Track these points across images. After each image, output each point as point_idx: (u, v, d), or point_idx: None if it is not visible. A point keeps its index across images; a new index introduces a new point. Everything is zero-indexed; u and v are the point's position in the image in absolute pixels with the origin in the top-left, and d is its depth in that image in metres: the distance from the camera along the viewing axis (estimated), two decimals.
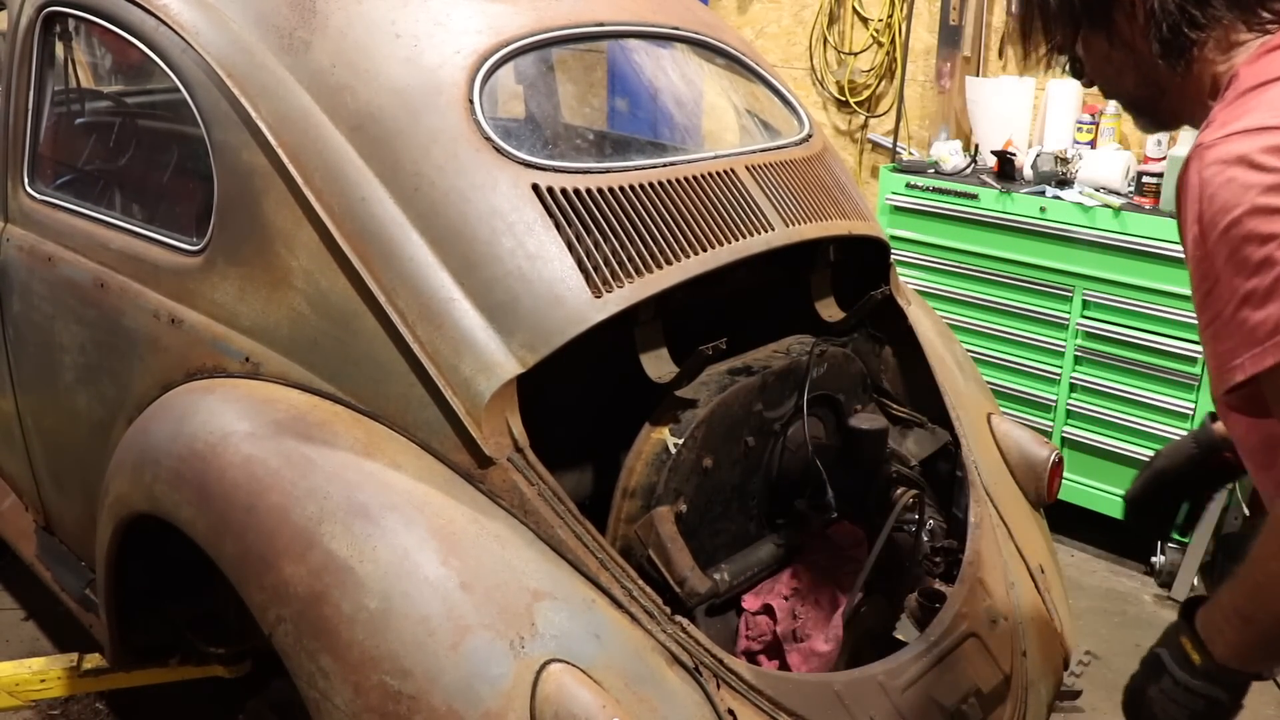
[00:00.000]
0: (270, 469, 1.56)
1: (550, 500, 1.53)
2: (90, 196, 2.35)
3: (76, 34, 2.59)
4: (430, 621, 1.39)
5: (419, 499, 1.51)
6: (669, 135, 2.35)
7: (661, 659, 1.48)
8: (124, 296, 1.99)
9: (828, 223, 2.00)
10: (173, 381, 1.85)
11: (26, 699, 2.38)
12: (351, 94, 1.72)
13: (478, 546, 1.47)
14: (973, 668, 1.82)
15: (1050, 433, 3.49)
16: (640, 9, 2.15)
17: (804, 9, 4.73)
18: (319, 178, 1.68)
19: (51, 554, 2.42)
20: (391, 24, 1.79)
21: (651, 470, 1.70)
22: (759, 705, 1.53)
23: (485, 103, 1.72)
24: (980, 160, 3.80)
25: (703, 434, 1.75)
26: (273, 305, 1.74)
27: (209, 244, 1.84)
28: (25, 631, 2.88)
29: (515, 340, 1.56)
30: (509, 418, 1.55)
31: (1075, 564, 3.38)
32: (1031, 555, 2.12)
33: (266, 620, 1.48)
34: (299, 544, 1.47)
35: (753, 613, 1.88)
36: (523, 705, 1.34)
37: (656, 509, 1.67)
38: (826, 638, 1.81)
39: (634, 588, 1.52)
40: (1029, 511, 2.22)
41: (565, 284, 1.59)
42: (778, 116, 2.27)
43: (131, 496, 1.78)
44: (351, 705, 1.38)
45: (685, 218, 1.76)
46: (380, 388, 1.62)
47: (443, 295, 1.59)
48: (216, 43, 1.82)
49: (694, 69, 2.33)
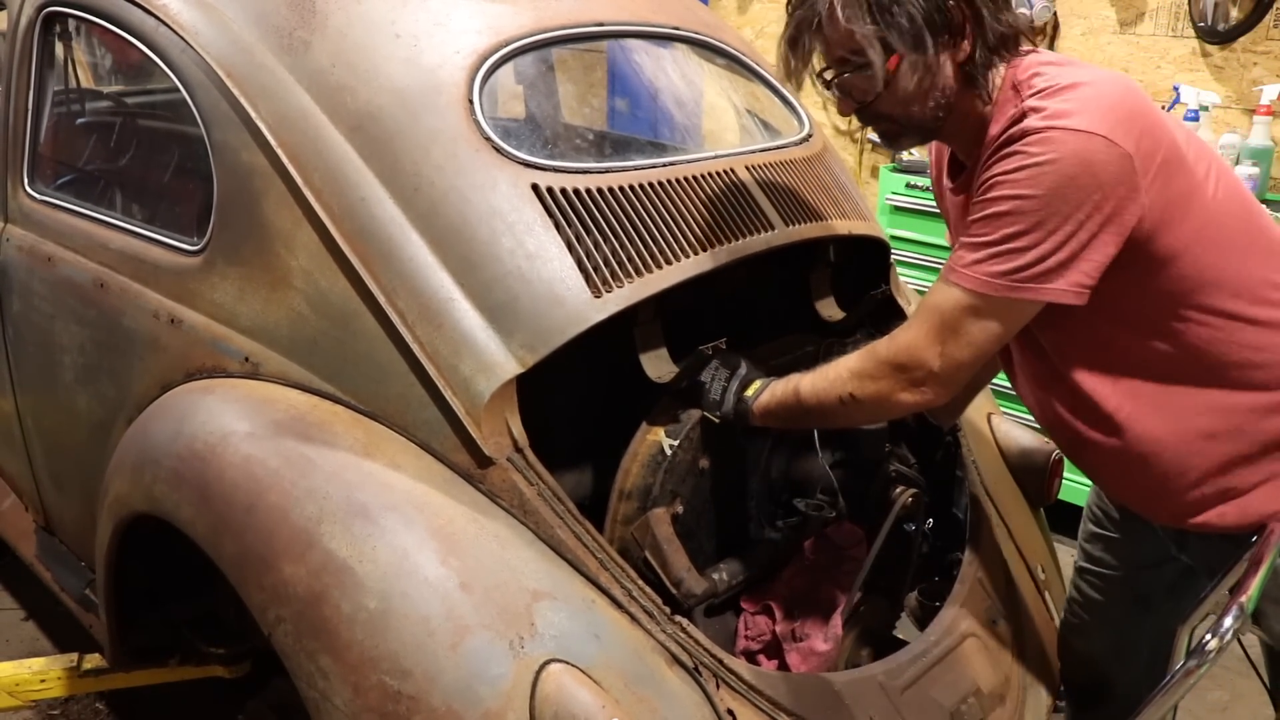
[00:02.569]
0: (270, 469, 1.56)
1: (550, 500, 1.53)
2: (90, 196, 2.35)
3: (76, 34, 2.58)
4: (430, 621, 1.39)
5: (419, 499, 1.51)
6: (669, 135, 2.35)
7: (661, 659, 1.48)
8: (124, 296, 1.99)
9: (828, 222, 2.00)
10: (172, 381, 1.85)
11: (26, 699, 2.38)
12: (351, 94, 1.72)
13: (477, 546, 1.47)
14: (973, 668, 1.82)
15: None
16: (640, 9, 2.15)
17: None
18: (319, 178, 1.69)
19: (51, 554, 2.42)
20: (391, 24, 1.79)
21: (647, 472, 1.70)
22: (758, 705, 1.53)
23: (485, 103, 1.72)
24: None
25: (699, 435, 1.74)
26: (272, 305, 1.74)
27: (209, 244, 1.84)
28: (25, 631, 2.88)
29: (515, 340, 1.56)
30: (508, 418, 1.55)
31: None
32: (1031, 555, 2.13)
33: (266, 620, 1.48)
34: (299, 544, 1.47)
35: (752, 613, 1.87)
36: (522, 705, 1.34)
37: (653, 511, 1.67)
38: (826, 638, 1.81)
39: (634, 588, 1.52)
40: (1029, 511, 2.22)
41: (565, 284, 1.59)
42: (778, 116, 2.27)
43: (131, 496, 1.78)
44: (351, 705, 1.38)
45: (685, 218, 1.76)
46: (380, 388, 1.62)
47: (442, 295, 1.59)
48: (216, 43, 1.82)
49: (694, 69, 2.33)
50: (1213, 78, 3.85)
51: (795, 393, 1.61)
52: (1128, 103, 1.39)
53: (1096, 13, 4.11)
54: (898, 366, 1.49)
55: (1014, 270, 1.39)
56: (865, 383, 1.52)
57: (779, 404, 1.63)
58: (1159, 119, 1.42)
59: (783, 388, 1.63)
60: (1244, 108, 3.76)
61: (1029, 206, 1.36)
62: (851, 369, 1.54)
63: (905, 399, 1.50)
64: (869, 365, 1.52)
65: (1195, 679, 1.48)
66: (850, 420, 1.66)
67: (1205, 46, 3.84)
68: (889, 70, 1.44)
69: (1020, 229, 1.37)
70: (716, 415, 1.69)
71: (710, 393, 1.70)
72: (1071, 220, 1.36)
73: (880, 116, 1.53)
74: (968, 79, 1.47)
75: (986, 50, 1.45)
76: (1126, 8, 3.99)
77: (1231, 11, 3.69)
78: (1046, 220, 1.36)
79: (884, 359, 1.50)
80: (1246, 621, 1.45)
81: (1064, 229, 1.36)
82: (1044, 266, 1.38)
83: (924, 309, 1.48)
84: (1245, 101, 3.77)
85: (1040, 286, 1.39)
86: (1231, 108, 3.81)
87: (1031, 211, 1.36)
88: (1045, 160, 1.35)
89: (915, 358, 1.47)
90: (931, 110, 1.49)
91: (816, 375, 1.59)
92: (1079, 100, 1.38)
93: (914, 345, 1.47)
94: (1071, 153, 1.34)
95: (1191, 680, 1.47)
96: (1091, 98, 1.38)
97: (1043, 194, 1.35)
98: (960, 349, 1.45)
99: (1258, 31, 3.67)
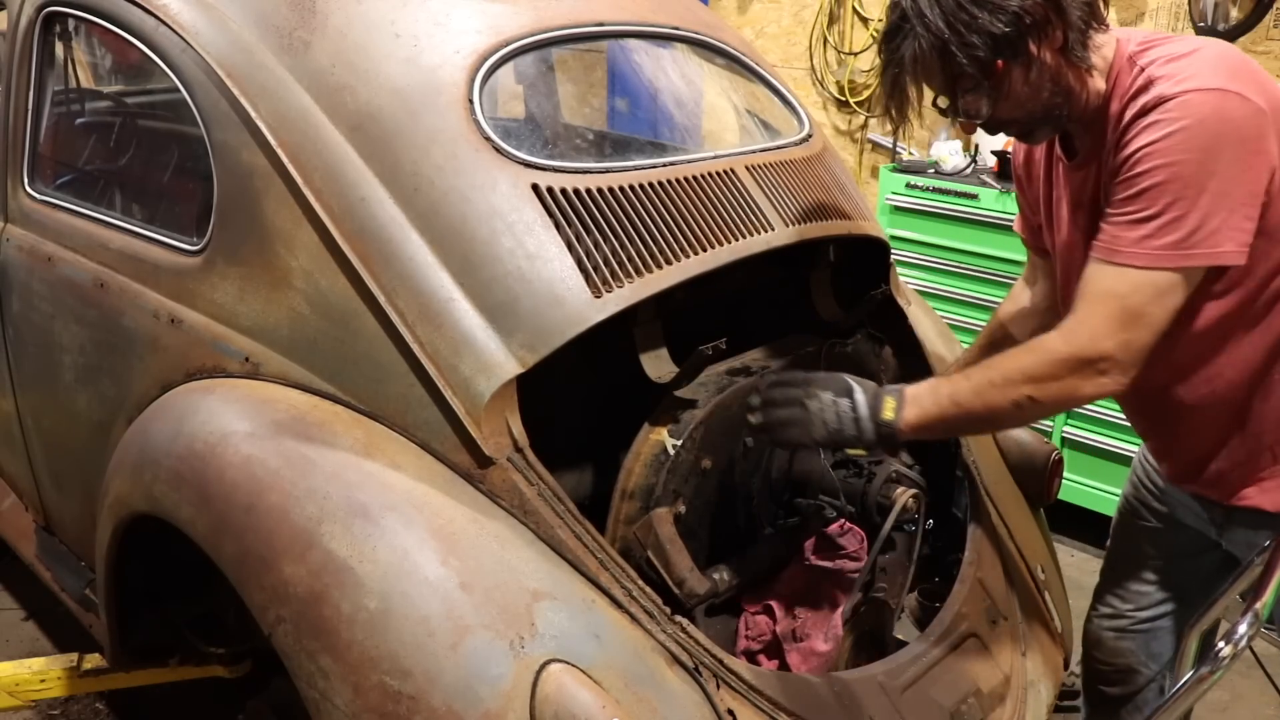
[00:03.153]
0: (270, 469, 1.56)
1: (550, 500, 1.53)
2: (90, 196, 2.35)
3: (76, 34, 2.59)
4: (430, 621, 1.39)
5: (419, 499, 1.51)
6: (669, 135, 2.35)
7: (661, 659, 1.48)
8: (124, 296, 1.99)
9: (828, 223, 2.00)
10: (172, 381, 1.85)
11: (26, 699, 2.38)
12: (351, 94, 1.72)
13: (477, 546, 1.47)
14: (973, 668, 1.82)
15: (1050, 433, 3.48)
16: (640, 9, 2.15)
17: (804, 9, 4.73)
18: (318, 178, 1.68)
19: (51, 554, 2.42)
20: (391, 24, 1.79)
21: (650, 472, 1.70)
22: (759, 705, 1.53)
23: (485, 103, 1.72)
24: (980, 160, 3.80)
25: (701, 435, 1.74)
26: (272, 305, 1.74)
27: (209, 244, 1.84)
28: (25, 631, 2.88)
29: (515, 340, 1.56)
30: (509, 418, 1.55)
31: (1075, 564, 3.38)
32: (1031, 555, 2.13)
33: (266, 620, 1.48)
34: (299, 544, 1.47)
35: (752, 613, 1.88)
36: (522, 705, 1.34)
37: (655, 510, 1.67)
38: (826, 638, 1.81)
39: (634, 588, 1.52)
40: (1029, 511, 2.22)
41: (565, 284, 1.59)
42: (778, 116, 2.27)
43: (131, 496, 1.78)
44: (351, 705, 1.38)
45: (685, 218, 1.76)
46: (380, 388, 1.62)
47: (442, 295, 1.59)
48: (216, 43, 1.82)
49: (694, 69, 2.33)
50: None
51: (954, 403, 1.53)
52: (1248, 64, 1.44)
53: None
54: (1083, 362, 1.45)
55: (1185, 238, 1.39)
56: (1045, 384, 1.47)
57: (935, 419, 1.54)
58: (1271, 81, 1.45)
59: (933, 400, 1.54)
60: None
61: (1186, 171, 1.37)
62: (1027, 372, 1.48)
63: (1089, 391, 1.47)
64: (1047, 366, 1.46)
65: (1209, 685, 1.47)
66: (1021, 421, 1.64)
67: None
68: (994, 83, 1.45)
69: (1181, 196, 1.38)
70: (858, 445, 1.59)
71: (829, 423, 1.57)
72: (1224, 178, 1.37)
73: (1007, 122, 1.54)
74: (1072, 62, 1.47)
75: (1079, 31, 1.45)
76: (1126, 8, 3.99)
77: (1231, 11, 3.69)
78: (1205, 181, 1.37)
79: (1065, 356, 1.45)
80: (1260, 626, 1.45)
81: (1220, 188, 1.37)
82: (1210, 228, 1.38)
83: (1095, 295, 1.45)
84: None
85: (1213, 251, 1.40)
86: None
87: (1189, 177, 1.37)
88: (1190, 123, 1.37)
89: (1099, 349, 1.43)
90: (1050, 100, 1.50)
91: (978, 381, 1.51)
92: (1204, 63, 1.41)
93: (1096, 337, 1.44)
94: (1212, 111, 1.37)
95: (1205, 686, 1.47)
96: (1215, 58, 1.42)
97: (1194, 156, 1.37)
98: (1143, 332, 1.43)
99: (1258, 31, 3.67)
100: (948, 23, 1.41)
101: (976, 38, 1.41)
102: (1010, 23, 1.40)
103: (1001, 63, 1.44)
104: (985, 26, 1.40)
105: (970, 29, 1.40)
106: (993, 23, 1.40)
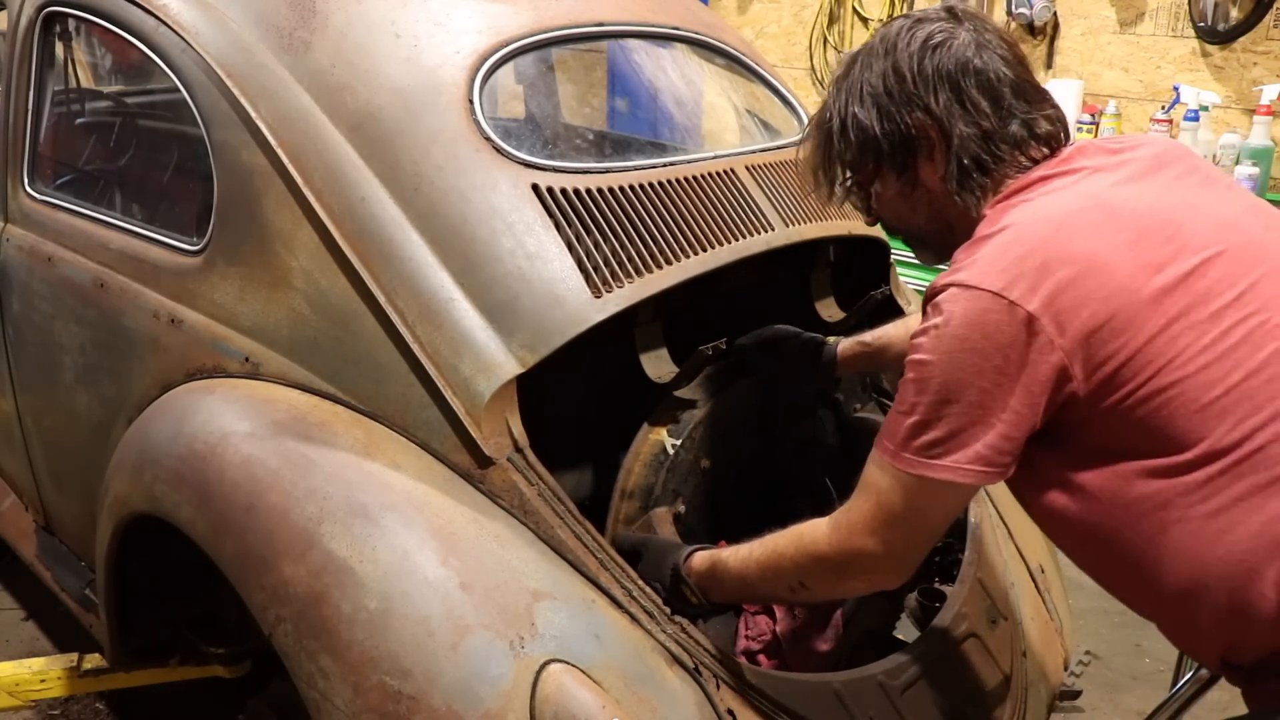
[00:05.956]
0: (270, 469, 1.56)
1: (550, 500, 1.53)
2: (90, 196, 2.35)
3: (76, 34, 2.58)
4: (430, 622, 1.39)
5: (419, 499, 1.51)
6: (669, 135, 2.35)
7: (661, 659, 1.48)
8: (124, 296, 1.99)
9: (828, 223, 2.01)
10: (173, 381, 1.85)
11: (26, 699, 2.38)
12: (351, 94, 1.72)
13: (477, 547, 1.47)
14: (973, 668, 1.82)
15: None
16: (640, 9, 2.15)
17: (804, 9, 4.73)
18: (319, 178, 1.68)
19: (51, 554, 2.42)
20: (391, 24, 1.79)
21: (649, 471, 1.70)
22: (759, 705, 1.53)
23: (485, 103, 1.72)
24: None
25: (701, 434, 1.75)
26: (272, 305, 1.74)
27: (209, 244, 1.84)
28: (25, 631, 2.88)
29: (515, 340, 1.56)
30: (509, 418, 1.55)
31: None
32: (1031, 555, 2.13)
33: (266, 620, 1.48)
34: (299, 544, 1.47)
35: (752, 613, 1.87)
36: (522, 705, 1.34)
37: (655, 510, 1.67)
38: (826, 638, 1.81)
39: (634, 588, 1.52)
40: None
41: (565, 284, 1.59)
42: (778, 116, 2.27)
43: (131, 496, 1.78)
44: (351, 705, 1.38)
45: (685, 218, 1.76)
46: (380, 388, 1.62)
47: (442, 295, 1.59)
48: (216, 43, 1.82)
49: (694, 69, 2.33)
50: (1213, 78, 3.85)
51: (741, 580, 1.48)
52: (1048, 248, 1.21)
53: (1096, 13, 4.11)
54: (842, 561, 1.35)
55: (929, 445, 1.24)
56: (815, 577, 1.40)
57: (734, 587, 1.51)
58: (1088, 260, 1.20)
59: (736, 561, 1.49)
60: (1244, 108, 3.77)
61: (933, 374, 1.23)
62: (797, 563, 1.40)
63: (861, 587, 1.43)
64: (812, 561, 1.38)
65: (1209, 685, 1.46)
66: (810, 602, 1.65)
67: (1205, 46, 3.84)
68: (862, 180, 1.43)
69: (926, 400, 1.23)
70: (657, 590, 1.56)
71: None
72: (977, 389, 1.21)
73: (891, 229, 1.51)
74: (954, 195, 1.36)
75: (960, 167, 1.34)
76: (1126, 8, 3.99)
77: (1231, 11, 3.69)
78: (958, 391, 1.21)
79: (825, 554, 1.36)
80: None
81: (977, 400, 1.21)
82: (959, 441, 1.23)
83: (864, 486, 1.33)
84: (1245, 101, 3.77)
85: (956, 466, 1.24)
86: (1231, 108, 3.82)
87: (937, 383, 1.22)
88: (941, 324, 1.22)
89: (860, 546, 1.32)
90: (927, 225, 1.43)
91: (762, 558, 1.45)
92: (990, 247, 1.24)
93: (855, 533, 1.33)
94: (961, 313, 1.21)
95: (1205, 687, 1.46)
96: (1003, 245, 1.23)
97: (941, 360, 1.22)
98: (907, 532, 1.31)
99: (1258, 31, 3.68)
100: (844, 105, 1.38)
101: (855, 132, 1.37)
102: (891, 129, 1.35)
103: (873, 165, 1.39)
104: (866, 123, 1.36)
105: (855, 121, 1.37)
106: (877, 122, 1.35)
